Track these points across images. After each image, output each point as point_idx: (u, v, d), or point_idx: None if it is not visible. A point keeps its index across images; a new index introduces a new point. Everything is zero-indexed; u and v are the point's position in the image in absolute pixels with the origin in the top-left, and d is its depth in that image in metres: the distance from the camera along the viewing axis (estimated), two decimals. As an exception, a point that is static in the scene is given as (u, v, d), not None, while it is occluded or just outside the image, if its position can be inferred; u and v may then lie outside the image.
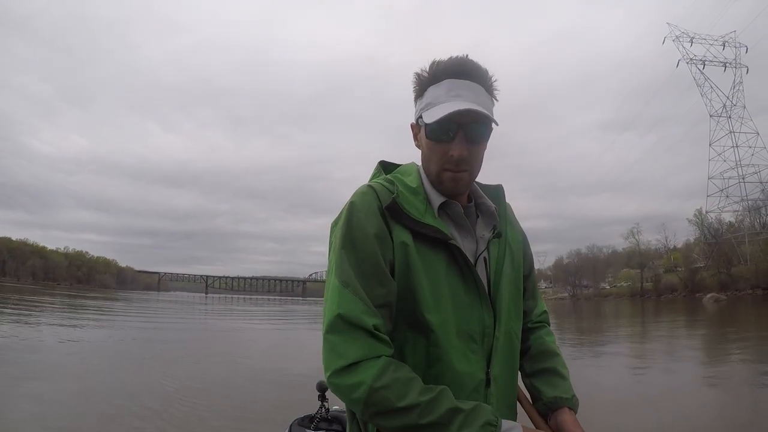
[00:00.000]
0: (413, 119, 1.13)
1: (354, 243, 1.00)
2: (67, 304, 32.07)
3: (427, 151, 1.09)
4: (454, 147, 1.03)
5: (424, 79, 1.08)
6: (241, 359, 10.44)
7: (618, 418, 5.57)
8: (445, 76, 1.05)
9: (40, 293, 48.56)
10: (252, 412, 5.84)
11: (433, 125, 1.02)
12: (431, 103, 1.04)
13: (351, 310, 0.94)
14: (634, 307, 47.24)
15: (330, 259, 1.03)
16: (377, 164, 1.22)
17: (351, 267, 0.98)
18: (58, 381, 7.05)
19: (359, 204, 1.03)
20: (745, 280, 52.32)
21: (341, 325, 0.93)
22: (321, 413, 1.94)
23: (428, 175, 1.11)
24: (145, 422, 5.18)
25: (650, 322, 25.78)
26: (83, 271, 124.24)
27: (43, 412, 5.36)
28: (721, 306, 38.53)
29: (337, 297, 0.96)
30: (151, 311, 31.43)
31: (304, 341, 15.56)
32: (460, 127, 1.02)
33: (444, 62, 1.06)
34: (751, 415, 5.94)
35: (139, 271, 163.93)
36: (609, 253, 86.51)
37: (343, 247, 1.00)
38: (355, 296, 0.95)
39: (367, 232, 1.00)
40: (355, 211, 1.02)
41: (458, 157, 1.03)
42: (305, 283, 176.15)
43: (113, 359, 9.48)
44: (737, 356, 10.95)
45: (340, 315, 0.94)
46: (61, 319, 19.09)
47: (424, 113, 1.04)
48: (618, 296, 74.58)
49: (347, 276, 0.97)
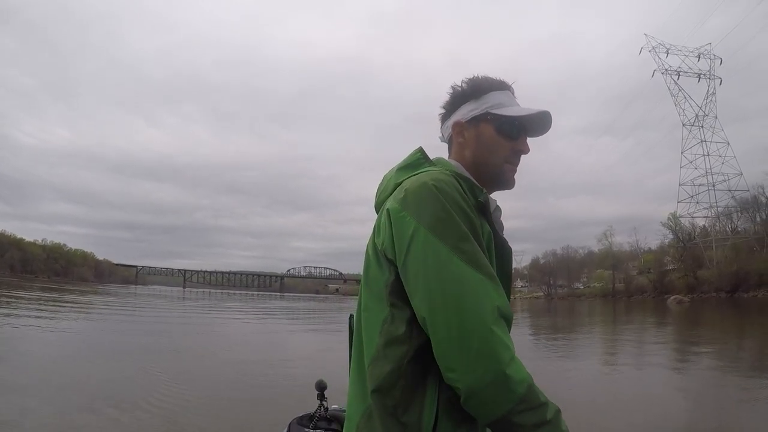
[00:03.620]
0: (459, 118, 1.18)
1: (472, 226, 0.97)
2: (51, 300, 31.77)
3: (490, 145, 1.15)
4: (522, 143, 1.16)
5: (483, 83, 1.18)
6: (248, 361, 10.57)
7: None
8: (506, 88, 1.19)
9: (25, 287, 48.04)
10: (252, 411, 5.99)
11: (511, 120, 1.14)
12: (501, 104, 1.15)
13: (502, 302, 0.92)
14: (603, 307, 49.66)
15: (427, 241, 0.93)
16: (419, 149, 1.18)
17: (482, 255, 0.95)
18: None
19: (449, 186, 0.99)
20: (709, 283, 54.74)
21: (500, 317, 0.90)
22: (320, 412, 1.96)
23: (483, 166, 1.16)
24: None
25: (607, 321, 27.29)
26: (61, 263, 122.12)
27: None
28: (683, 307, 41.06)
29: (489, 288, 0.91)
30: (150, 309, 31.08)
31: (310, 342, 15.97)
32: (524, 130, 1.16)
33: (496, 79, 1.20)
34: (661, 385, 7.58)
35: (116, 265, 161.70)
36: (585, 254, 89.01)
37: (461, 234, 0.94)
38: (500, 287, 0.94)
39: (473, 217, 0.99)
40: (451, 193, 0.98)
41: (525, 151, 1.17)
42: (283, 278, 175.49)
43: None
44: (666, 345, 13.23)
45: (499, 308, 0.90)
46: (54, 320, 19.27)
47: (497, 110, 1.14)
48: (591, 296, 76.99)
49: (488, 267, 0.94)
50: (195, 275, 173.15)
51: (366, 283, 1.05)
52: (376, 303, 1.01)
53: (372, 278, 1.03)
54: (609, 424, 5.83)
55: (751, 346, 14.47)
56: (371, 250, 1.06)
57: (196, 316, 26.86)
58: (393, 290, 0.98)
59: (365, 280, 1.06)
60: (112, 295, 49.40)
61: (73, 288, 60.71)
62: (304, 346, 14.42)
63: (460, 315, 0.88)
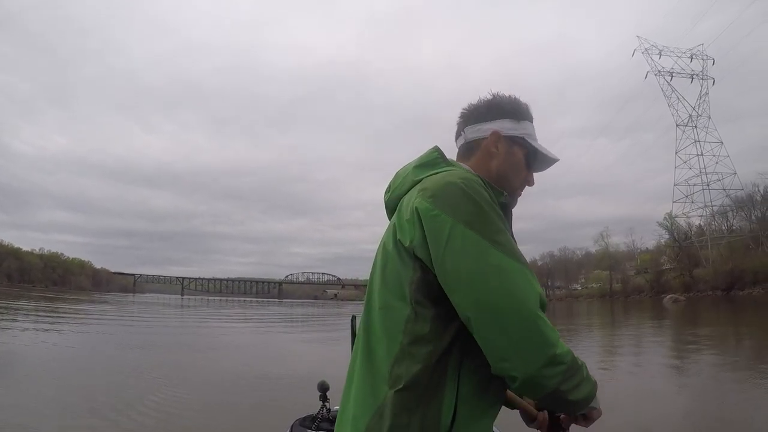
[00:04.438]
0: (499, 129, 1.21)
1: (503, 221, 1.00)
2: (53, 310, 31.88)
3: (516, 168, 1.21)
4: (531, 178, 1.25)
5: (525, 109, 1.25)
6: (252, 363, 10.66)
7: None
8: (532, 120, 1.26)
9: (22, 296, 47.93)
10: (254, 413, 6.05)
11: (538, 156, 1.23)
12: (532, 135, 1.23)
13: (541, 290, 0.95)
14: (600, 307, 49.96)
15: (465, 237, 0.94)
16: (436, 149, 1.19)
17: (517, 247, 0.98)
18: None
19: (478, 185, 1.02)
20: (705, 282, 55.15)
21: (541, 304, 0.93)
22: (322, 413, 1.97)
23: (503, 182, 1.19)
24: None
25: (604, 321, 27.54)
26: (59, 272, 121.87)
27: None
28: (679, 306, 41.40)
29: (529, 276, 0.94)
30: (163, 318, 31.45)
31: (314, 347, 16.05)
32: (537, 164, 1.25)
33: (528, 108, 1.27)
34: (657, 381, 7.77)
35: (114, 273, 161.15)
36: (583, 255, 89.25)
37: (497, 228, 0.97)
38: (536, 277, 0.96)
39: (501, 214, 1.01)
40: (480, 191, 1.00)
41: (532, 185, 1.26)
42: (281, 284, 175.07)
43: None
44: (662, 343, 13.83)
45: (540, 294, 0.94)
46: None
47: (531, 140, 1.22)
48: (588, 297, 77.30)
49: (523, 257, 0.97)
50: (193, 283, 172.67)
51: (383, 281, 1.05)
52: (397, 301, 1.01)
53: (391, 276, 1.04)
54: (608, 423, 5.99)
55: (743, 340, 14.76)
56: (391, 247, 1.05)
57: (195, 323, 26.81)
58: (418, 287, 0.99)
59: (382, 278, 1.06)
60: (109, 303, 49.13)
61: (70, 297, 60.42)
62: (306, 350, 14.53)
63: (509, 304, 0.90)
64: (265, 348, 14.90)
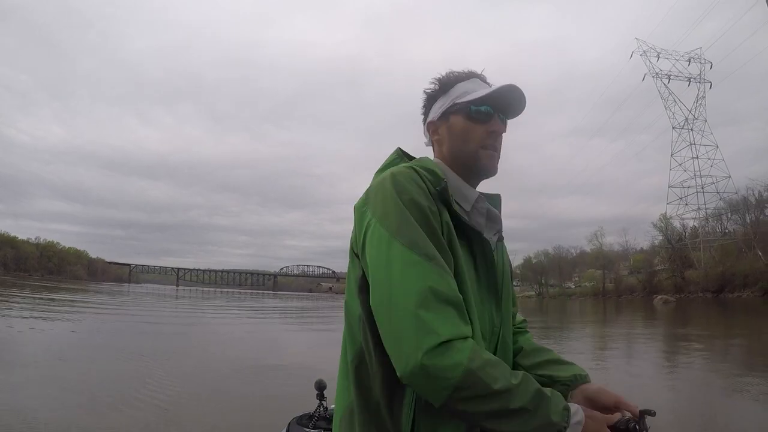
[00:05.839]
0: (432, 117, 1.17)
1: (421, 213, 0.94)
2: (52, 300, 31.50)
3: (462, 134, 1.11)
4: (494, 124, 1.10)
5: (449, 77, 1.16)
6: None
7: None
8: (473, 76, 1.16)
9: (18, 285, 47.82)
10: (250, 411, 5.98)
11: (477, 103, 1.10)
12: (466, 92, 1.12)
13: (441, 284, 0.87)
14: (592, 306, 50.72)
15: (374, 231, 0.94)
16: (397, 150, 1.19)
17: (425, 239, 0.91)
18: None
19: (404, 178, 0.98)
20: (696, 283, 55.65)
21: (434, 300, 0.85)
22: (319, 412, 1.96)
23: (460, 157, 1.13)
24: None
25: (597, 319, 27.94)
26: (54, 261, 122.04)
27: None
28: (669, 307, 42.02)
29: (422, 270, 0.87)
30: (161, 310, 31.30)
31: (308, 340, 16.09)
32: (495, 111, 1.11)
33: (463, 70, 1.18)
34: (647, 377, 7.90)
35: (110, 263, 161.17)
36: (577, 254, 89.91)
37: (404, 220, 0.92)
38: (443, 270, 0.89)
39: (426, 205, 0.95)
40: (404, 183, 0.97)
41: (498, 131, 1.11)
42: (276, 277, 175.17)
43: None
44: (650, 341, 14.09)
45: (432, 289, 0.85)
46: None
47: (462, 99, 1.11)
48: (582, 296, 77.84)
49: (428, 249, 0.90)
50: (188, 273, 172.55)
51: (347, 280, 1.07)
52: (352, 300, 1.02)
53: (348, 275, 1.06)
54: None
55: (724, 339, 15.11)
56: (349, 248, 1.07)
57: (190, 315, 26.67)
58: (360, 286, 0.99)
59: (346, 277, 1.08)
60: (105, 293, 49.12)
61: (66, 286, 60.32)
62: (301, 345, 14.56)
63: (389, 296, 0.88)
64: (260, 343, 14.84)
